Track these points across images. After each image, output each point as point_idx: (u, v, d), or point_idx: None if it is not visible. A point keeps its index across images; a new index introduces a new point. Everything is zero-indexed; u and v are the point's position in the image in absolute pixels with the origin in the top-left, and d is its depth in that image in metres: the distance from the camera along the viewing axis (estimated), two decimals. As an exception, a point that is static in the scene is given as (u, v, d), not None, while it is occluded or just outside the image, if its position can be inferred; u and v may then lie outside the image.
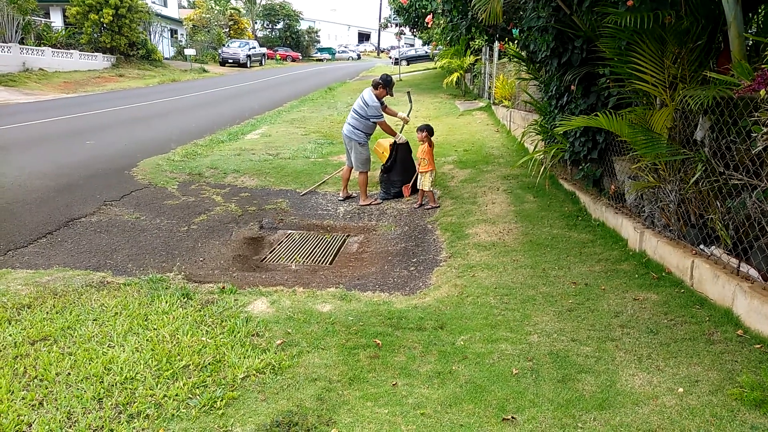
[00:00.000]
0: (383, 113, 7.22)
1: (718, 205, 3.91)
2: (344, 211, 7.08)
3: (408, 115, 7.57)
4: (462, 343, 3.44)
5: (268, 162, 9.34)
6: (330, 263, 5.47)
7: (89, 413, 2.71)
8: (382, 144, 7.83)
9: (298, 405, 2.81)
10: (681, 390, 2.80)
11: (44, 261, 5.03)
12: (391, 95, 7.30)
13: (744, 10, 4.07)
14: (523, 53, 7.47)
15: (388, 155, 7.46)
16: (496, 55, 13.84)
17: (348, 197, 7.42)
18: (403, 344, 3.45)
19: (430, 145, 6.98)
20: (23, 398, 2.82)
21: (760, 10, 4.60)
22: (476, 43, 16.77)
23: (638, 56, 4.44)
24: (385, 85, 7.16)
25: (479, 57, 17.27)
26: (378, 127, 7.29)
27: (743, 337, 3.22)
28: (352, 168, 7.36)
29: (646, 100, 4.73)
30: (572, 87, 5.91)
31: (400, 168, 7.40)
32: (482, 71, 16.76)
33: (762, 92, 3.15)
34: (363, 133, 7.16)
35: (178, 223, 6.34)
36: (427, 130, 6.99)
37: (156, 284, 4.37)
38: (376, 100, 7.11)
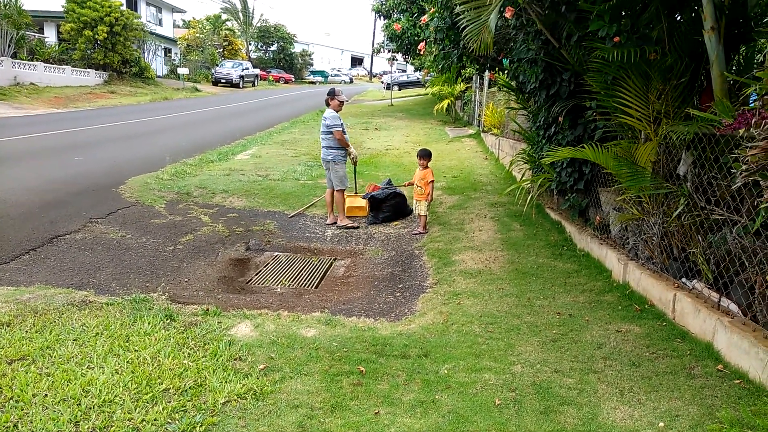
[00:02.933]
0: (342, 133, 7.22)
1: (700, 239, 3.97)
2: (332, 234, 7.08)
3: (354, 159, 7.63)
4: (446, 371, 3.43)
5: (257, 183, 9.34)
6: (316, 287, 5.45)
7: (64, 437, 2.66)
8: (356, 199, 7.75)
9: (278, 432, 2.77)
10: (662, 424, 2.81)
11: (26, 278, 4.96)
12: (339, 103, 7.28)
13: (726, 50, 4.20)
14: (513, 83, 7.61)
15: (367, 208, 7.55)
16: (486, 83, 14.08)
17: (335, 222, 7.42)
18: (386, 372, 3.43)
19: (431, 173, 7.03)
20: (-3, 420, 2.76)
21: (741, 50, 4.74)
22: (467, 71, 17.06)
23: (624, 91, 4.55)
24: (330, 96, 7.29)
25: (470, 85, 17.56)
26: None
27: (723, 372, 3.25)
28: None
29: (631, 133, 4.83)
30: (560, 118, 6.02)
31: (391, 205, 7.49)
32: (472, 99, 17.02)
33: (742, 131, 3.24)
34: (336, 149, 7.20)
35: (164, 242, 6.30)
36: (428, 157, 7.08)
37: (139, 304, 4.32)
38: (333, 112, 7.20)
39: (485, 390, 3.20)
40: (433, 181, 6.98)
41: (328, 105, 7.31)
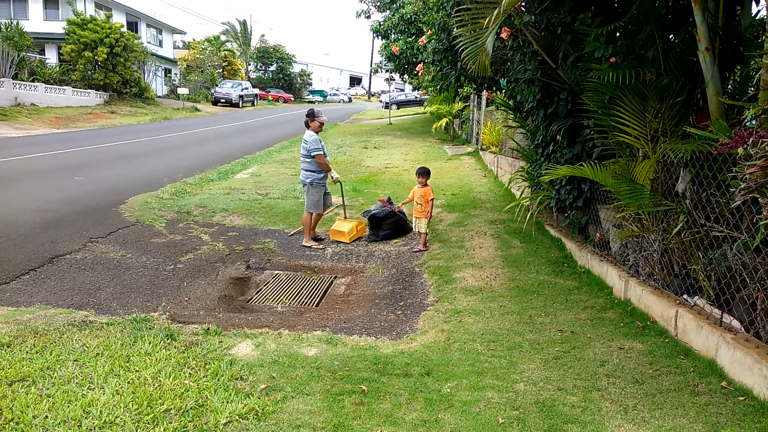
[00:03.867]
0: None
1: (700, 256, 3.99)
2: (332, 253, 7.08)
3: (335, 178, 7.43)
4: (448, 390, 3.42)
5: (257, 202, 9.36)
6: (317, 305, 5.44)
7: (65, 459, 2.63)
8: (342, 224, 7.54)
9: (281, 453, 2.75)
10: (667, 442, 2.80)
11: (26, 298, 4.95)
12: (320, 124, 7.17)
13: (721, 70, 4.27)
14: (510, 102, 7.69)
15: (353, 232, 7.39)
16: (484, 102, 14.21)
17: (318, 239, 7.41)
18: (389, 391, 3.41)
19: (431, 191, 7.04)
20: (-3, 442, 2.74)
21: (736, 70, 4.81)
22: (465, 90, 17.23)
23: (621, 110, 4.61)
24: (309, 117, 7.17)
25: (468, 104, 17.71)
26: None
27: (727, 389, 3.24)
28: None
29: (629, 151, 4.88)
30: (558, 137, 6.07)
31: (391, 223, 7.49)
32: (470, 117, 17.16)
33: (740, 150, 3.28)
34: (315, 172, 7.13)
35: (164, 261, 6.30)
36: (428, 175, 7.09)
37: (139, 324, 4.31)
38: (314, 135, 7.12)
39: (488, 408, 3.18)
40: (433, 199, 7.01)
41: (308, 126, 7.19)
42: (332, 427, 2.99)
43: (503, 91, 8.29)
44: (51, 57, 30.76)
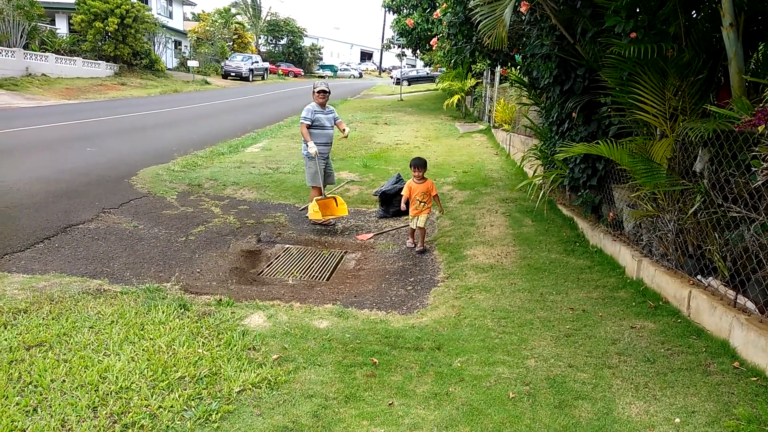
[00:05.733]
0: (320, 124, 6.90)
1: (716, 236, 3.94)
2: (342, 228, 7.09)
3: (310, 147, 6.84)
4: (459, 364, 3.44)
5: (267, 176, 9.36)
6: (327, 279, 5.47)
7: (83, 421, 2.69)
8: (320, 202, 6.77)
9: (293, 421, 2.79)
10: (678, 420, 2.80)
11: (41, 266, 5.01)
12: (317, 94, 6.91)
13: (744, 47, 4.16)
14: (525, 79, 7.57)
15: (329, 210, 6.86)
16: (497, 79, 14.02)
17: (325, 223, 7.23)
18: (399, 364, 3.44)
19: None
20: (17, 404, 2.79)
21: (759, 47, 4.69)
22: (478, 66, 16.98)
23: (640, 87, 4.52)
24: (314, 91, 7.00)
25: (480, 80, 17.49)
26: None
27: (740, 369, 3.23)
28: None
29: (647, 130, 4.80)
30: (573, 114, 5.98)
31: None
32: (483, 94, 16.96)
33: (761, 128, 3.21)
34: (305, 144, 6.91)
35: (176, 233, 6.33)
36: (425, 167, 6.16)
37: (153, 294, 4.35)
38: (310, 105, 6.95)
39: (499, 383, 3.20)
40: (437, 195, 6.32)
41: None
42: (344, 397, 3.03)
43: (518, 67, 8.15)
44: (61, 27, 30.64)
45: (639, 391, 3.08)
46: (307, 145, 6.77)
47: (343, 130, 7.28)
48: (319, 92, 6.96)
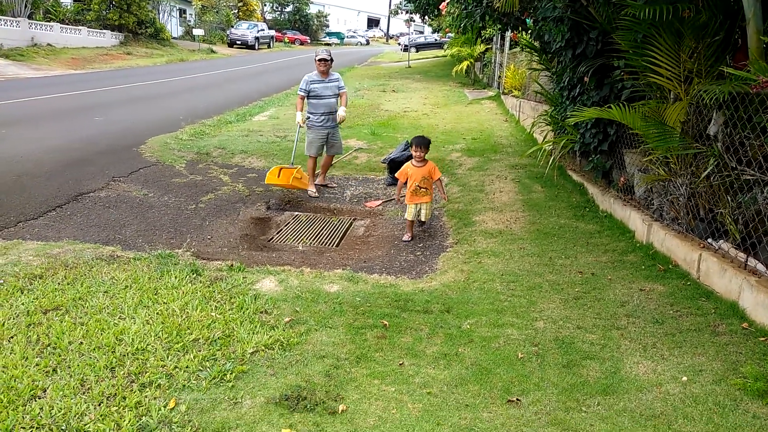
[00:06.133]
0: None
1: (729, 199, 3.91)
2: (351, 195, 7.10)
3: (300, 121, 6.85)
4: (468, 326, 3.48)
5: (275, 144, 9.34)
6: (336, 245, 5.50)
7: (102, 381, 2.76)
8: (284, 170, 6.61)
9: (306, 381, 2.85)
10: (685, 379, 2.84)
11: (54, 233, 5.07)
12: (318, 62, 6.71)
13: (763, 7, 4.05)
14: (536, 43, 7.43)
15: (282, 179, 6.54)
16: (507, 44, 13.77)
17: (324, 184, 7.28)
18: (409, 326, 3.49)
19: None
20: (37, 365, 2.87)
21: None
22: (487, 32, 16.68)
23: (654, 49, 4.43)
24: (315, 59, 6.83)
25: (490, 46, 17.19)
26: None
27: (748, 330, 3.25)
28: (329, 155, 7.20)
29: (660, 93, 4.72)
30: (585, 78, 5.89)
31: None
32: (492, 60, 16.68)
33: (779, 88, 3.15)
34: (310, 113, 6.85)
35: (186, 201, 6.37)
36: (428, 147, 5.36)
37: (165, 260, 4.41)
38: (309, 76, 6.79)
39: (508, 344, 3.24)
40: (440, 179, 5.54)
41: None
42: (355, 358, 3.08)
43: (529, 31, 8.00)
44: (65, -4, 30.24)
45: (647, 351, 3.11)
46: (297, 115, 6.75)
47: (339, 113, 6.87)
48: (320, 60, 6.77)
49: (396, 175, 5.46)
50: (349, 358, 3.07)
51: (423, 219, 5.49)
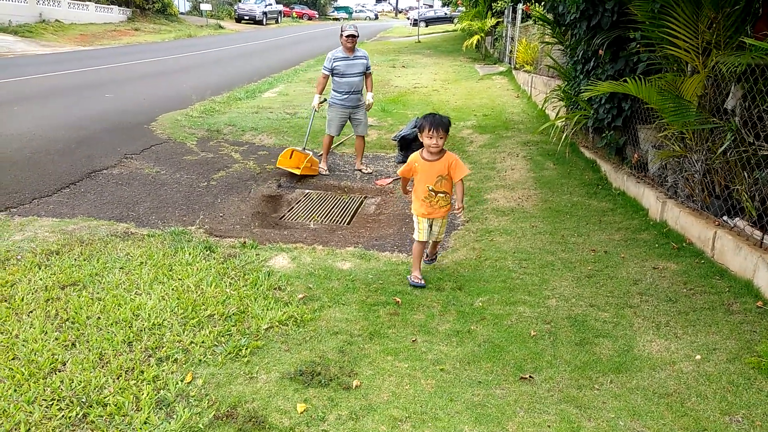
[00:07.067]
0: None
1: (746, 176, 3.86)
2: (362, 174, 7.07)
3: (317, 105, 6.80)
4: (480, 304, 3.49)
5: (285, 121, 9.30)
6: (348, 223, 5.51)
7: (120, 355, 2.81)
8: (295, 153, 6.65)
9: (320, 356, 2.88)
10: (698, 357, 2.84)
11: (69, 210, 5.11)
12: (345, 38, 6.48)
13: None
14: (550, 16, 7.29)
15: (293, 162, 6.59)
16: (519, 17, 13.52)
17: (360, 170, 7.23)
18: (422, 303, 3.50)
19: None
20: (56, 339, 2.92)
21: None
22: (499, 4, 16.38)
23: (671, 20, 4.32)
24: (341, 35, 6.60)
25: (501, 20, 16.88)
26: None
27: (763, 309, 3.23)
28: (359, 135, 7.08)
29: (677, 66, 4.63)
30: (600, 51, 5.78)
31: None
32: (504, 34, 16.40)
33: (801, 61, 3.07)
34: (333, 91, 6.71)
35: (198, 178, 6.38)
36: (446, 130, 3.57)
37: (179, 236, 4.44)
38: (333, 53, 6.60)
39: (520, 322, 3.25)
40: (461, 181, 3.71)
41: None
42: (368, 334, 3.11)
43: (542, 3, 7.84)
44: (72, -29, 29.99)
45: (660, 330, 3.11)
46: (315, 99, 6.66)
47: (368, 100, 6.79)
48: (347, 36, 6.51)
49: (399, 173, 3.97)
50: (363, 335, 3.10)
51: (436, 239, 3.91)
